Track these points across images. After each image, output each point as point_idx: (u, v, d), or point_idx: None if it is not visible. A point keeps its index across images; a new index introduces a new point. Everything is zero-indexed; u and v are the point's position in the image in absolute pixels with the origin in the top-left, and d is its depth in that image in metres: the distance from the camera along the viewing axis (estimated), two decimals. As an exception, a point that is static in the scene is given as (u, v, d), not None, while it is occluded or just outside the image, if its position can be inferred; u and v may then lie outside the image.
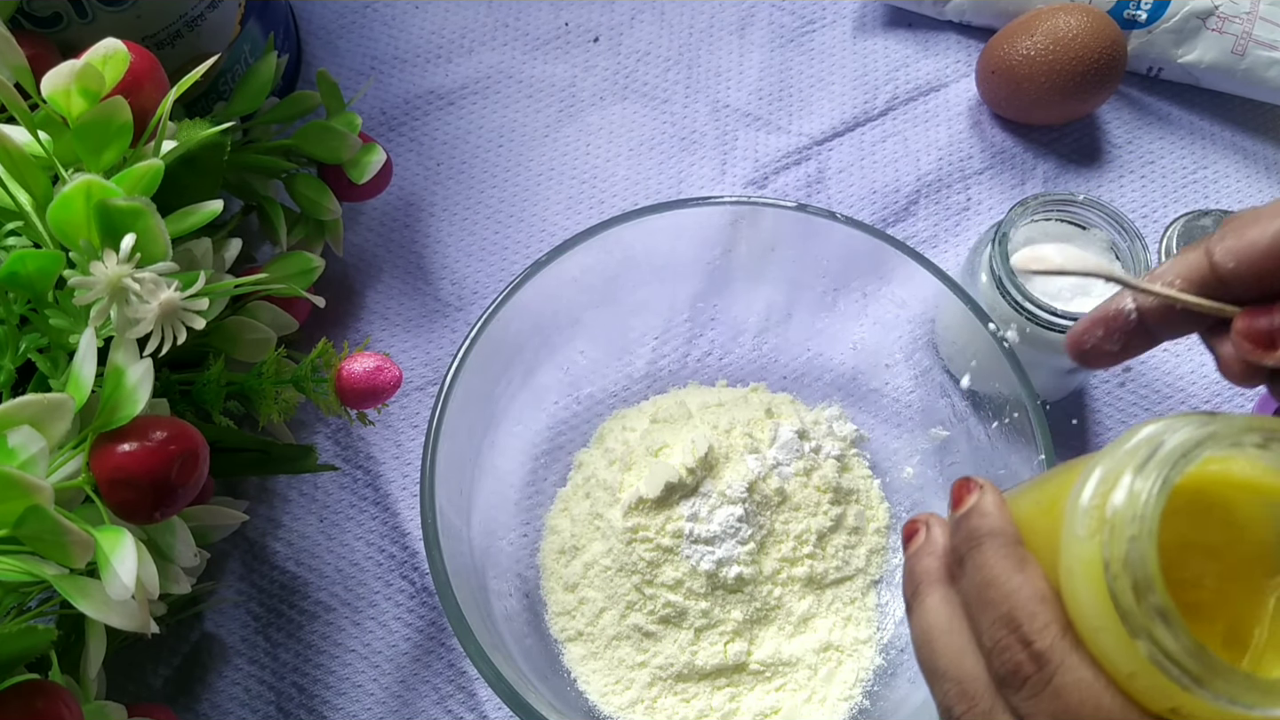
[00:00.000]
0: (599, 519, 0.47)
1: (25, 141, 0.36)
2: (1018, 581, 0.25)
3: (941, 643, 0.26)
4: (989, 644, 0.25)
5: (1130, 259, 0.48)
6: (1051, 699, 0.24)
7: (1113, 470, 0.25)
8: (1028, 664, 0.24)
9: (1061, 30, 0.56)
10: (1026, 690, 0.24)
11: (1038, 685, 0.24)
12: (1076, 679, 0.24)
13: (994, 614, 0.25)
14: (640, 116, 0.61)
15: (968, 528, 0.27)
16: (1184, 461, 0.24)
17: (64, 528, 0.31)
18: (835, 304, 0.50)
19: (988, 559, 0.26)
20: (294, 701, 0.48)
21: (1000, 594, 0.25)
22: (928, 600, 0.27)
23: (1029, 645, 0.24)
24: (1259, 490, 0.26)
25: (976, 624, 0.26)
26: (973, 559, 0.26)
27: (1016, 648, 0.24)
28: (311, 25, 0.63)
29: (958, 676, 0.26)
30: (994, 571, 0.26)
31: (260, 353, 0.46)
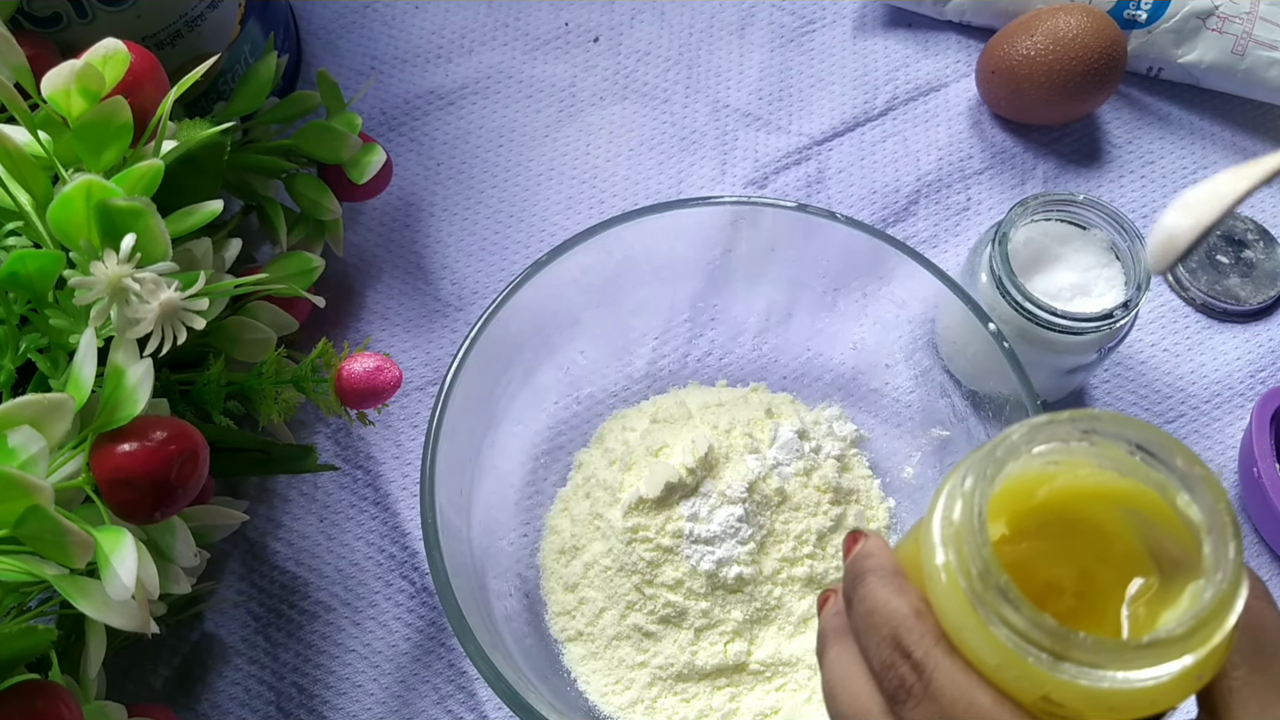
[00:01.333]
0: (599, 519, 0.47)
1: (25, 141, 0.36)
2: (896, 603, 0.27)
3: (841, 687, 0.28)
4: (878, 667, 0.27)
5: (1130, 259, 0.48)
6: (930, 704, 0.25)
7: (954, 482, 0.26)
8: (909, 674, 0.26)
9: (1061, 30, 0.56)
10: (911, 701, 0.26)
11: (919, 693, 0.25)
12: (951, 680, 0.25)
13: (878, 636, 0.27)
14: (640, 116, 0.61)
15: (853, 570, 0.29)
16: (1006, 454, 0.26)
17: (64, 528, 0.31)
18: (835, 304, 0.50)
19: (870, 590, 0.28)
20: (294, 701, 0.48)
21: (881, 617, 0.27)
22: (829, 653, 0.29)
23: (909, 657, 0.26)
24: (1110, 497, 0.27)
25: (867, 653, 0.27)
26: (858, 593, 0.28)
27: (899, 662, 0.26)
28: (311, 25, 0.63)
29: (853, 713, 0.27)
30: (876, 599, 0.27)
31: (260, 353, 0.46)
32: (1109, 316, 0.46)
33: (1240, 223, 0.57)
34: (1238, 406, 0.53)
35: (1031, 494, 0.27)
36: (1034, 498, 0.27)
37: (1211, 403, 0.54)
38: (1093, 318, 0.46)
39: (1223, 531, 0.25)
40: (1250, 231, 0.57)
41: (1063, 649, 0.24)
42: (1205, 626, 0.24)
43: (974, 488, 0.26)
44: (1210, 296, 0.55)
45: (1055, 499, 0.27)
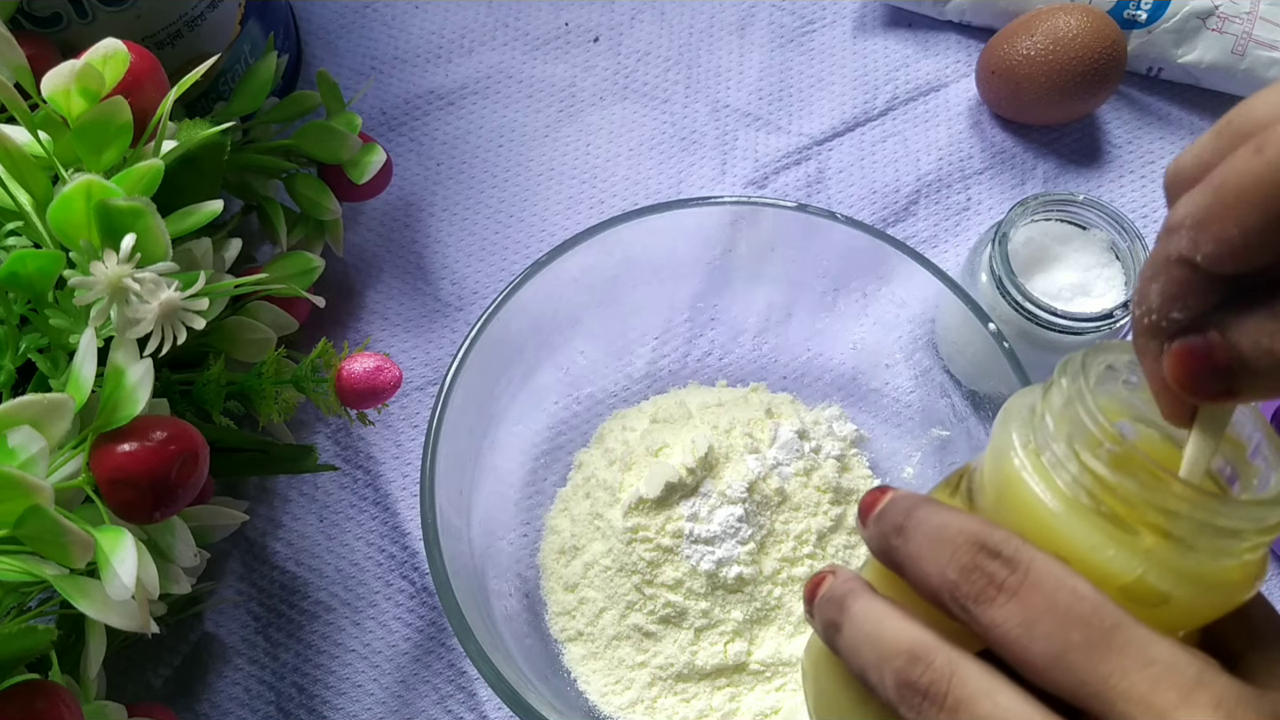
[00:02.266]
0: (599, 519, 0.47)
1: (25, 141, 0.36)
2: (965, 517, 0.26)
3: (886, 627, 0.26)
4: (956, 576, 0.25)
5: (1130, 259, 0.48)
6: (1031, 592, 0.24)
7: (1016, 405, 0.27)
8: (1000, 570, 0.25)
9: (1061, 30, 0.56)
10: (1004, 597, 0.24)
11: (1015, 586, 0.24)
12: (1049, 570, 0.24)
13: (951, 546, 0.25)
14: (640, 116, 0.61)
15: (895, 506, 0.28)
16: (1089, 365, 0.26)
17: (64, 528, 0.31)
18: (835, 304, 0.50)
19: (930, 513, 0.27)
20: (294, 701, 0.48)
21: (956, 528, 0.26)
22: (855, 606, 0.27)
23: (998, 555, 0.25)
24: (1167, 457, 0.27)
25: (932, 573, 0.26)
26: (913, 519, 0.27)
27: (986, 562, 0.25)
28: (311, 25, 0.63)
29: (905, 646, 0.25)
30: (941, 517, 0.26)
31: (260, 353, 0.46)
32: (1109, 316, 0.46)
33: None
34: (1238, 406, 0.53)
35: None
36: None
37: (1211, 403, 0.54)
38: (1093, 318, 0.46)
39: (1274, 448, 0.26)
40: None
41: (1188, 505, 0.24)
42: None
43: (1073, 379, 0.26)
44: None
45: None
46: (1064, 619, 0.24)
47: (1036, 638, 0.24)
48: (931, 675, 0.25)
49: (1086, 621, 0.23)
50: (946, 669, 0.25)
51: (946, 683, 0.24)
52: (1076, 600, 0.24)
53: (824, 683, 0.30)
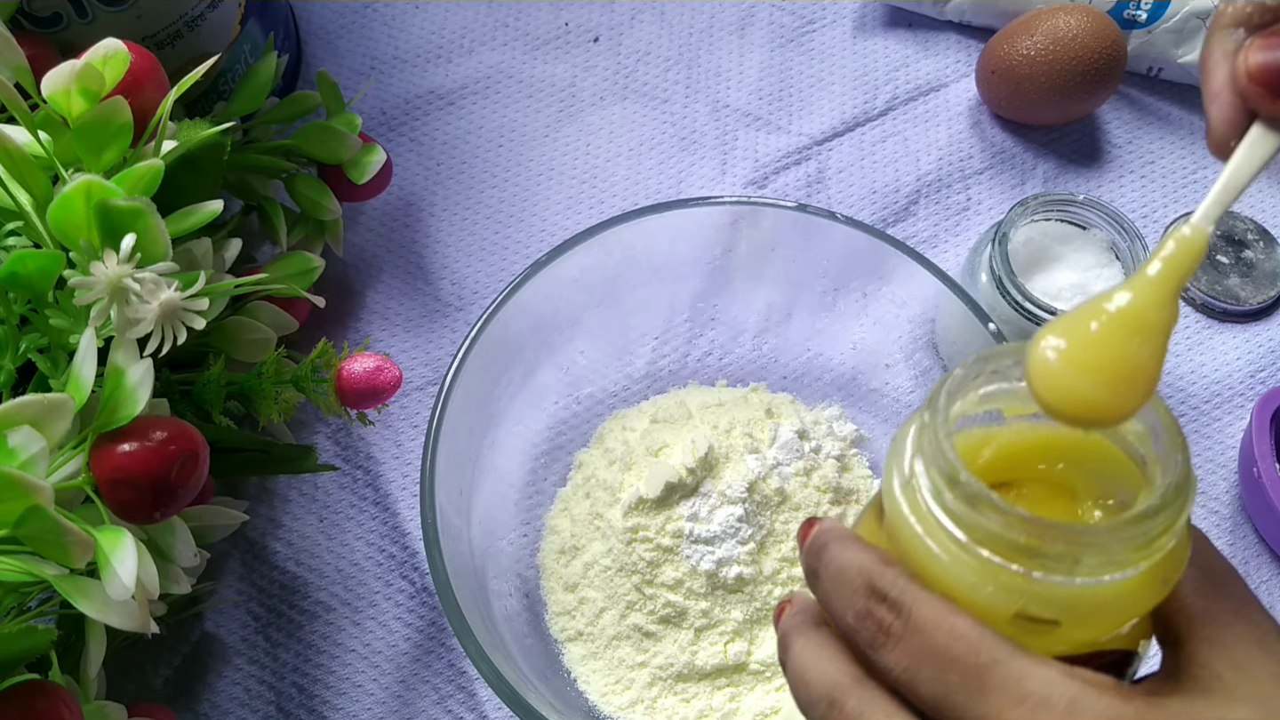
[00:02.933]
0: (599, 519, 0.47)
1: (25, 141, 0.36)
2: (863, 556, 0.27)
3: (810, 671, 0.27)
4: (853, 621, 0.26)
5: (1130, 259, 0.48)
6: (913, 637, 0.25)
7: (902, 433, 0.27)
8: (887, 615, 0.25)
9: (1061, 30, 0.56)
10: (891, 642, 0.25)
11: (899, 631, 0.25)
12: (930, 611, 0.25)
13: (850, 589, 0.26)
14: (640, 116, 0.61)
15: (813, 546, 0.28)
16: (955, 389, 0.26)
17: (64, 528, 0.31)
18: (835, 304, 0.50)
19: (834, 554, 0.27)
20: (294, 702, 0.48)
21: (852, 570, 0.27)
22: (794, 648, 0.28)
23: (885, 598, 0.25)
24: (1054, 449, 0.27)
25: (837, 615, 0.27)
26: (822, 561, 0.28)
27: (875, 607, 0.25)
28: (311, 25, 0.63)
29: (824, 692, 0.26)
30: (843, 559, 0.27)
31: (260, 353, 0.46)
32: (1109, 316, 0.46)
33: (1240, 223, 0.57)
34: (1238, 407, 0.53)
35: (977, 454, 0.28)
36: (979, 458, 0.28)
37: (1211, 403, 0.54)
38: (1093, 318, 0.46)
39: (1171, 435, 0.25)
40: (1250, 231, 0.57)
41: (1038, 541, 0.24)
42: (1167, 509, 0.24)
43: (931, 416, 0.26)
44: (1210, 296, 0.55)
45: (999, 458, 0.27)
46: (941, 662, 0.24)
47: (921, 681, 0.24)
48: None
49: (963, 662, 0.24)
50: (855, 712, 0.25)
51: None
52: (954, 641, 0.24)
53: None
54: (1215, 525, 0.51)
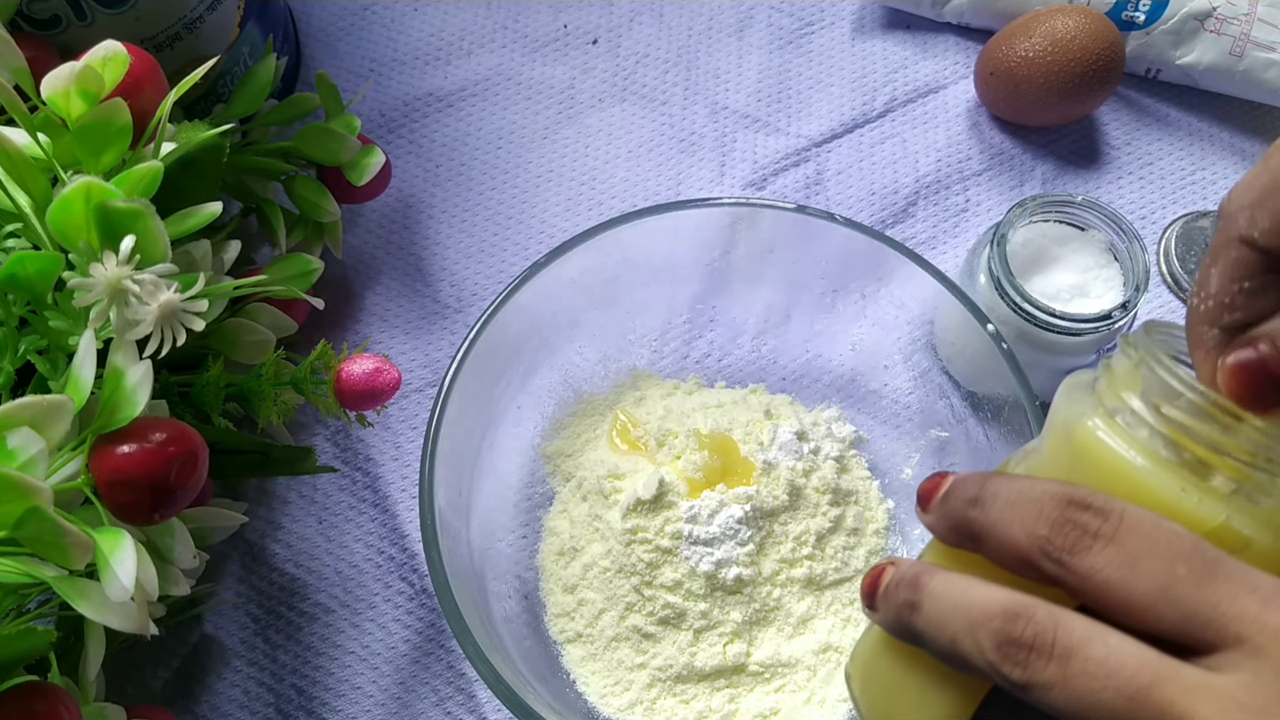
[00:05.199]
0: (598, 520, 0.47)
1: (25, 143, 0.36)
2: (1045, 481, 0.26)
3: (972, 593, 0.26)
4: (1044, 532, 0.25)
5: (1129, 260, 0.48)
6: (1128, 535, 0.24)
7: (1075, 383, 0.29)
8: (1093, 520, 0.25)
9: (1060, 32, 0.56)
10: (1100, 544, 0.25)
11: (1109, 533, 0.25)
12: (1143, 515, 0.25)
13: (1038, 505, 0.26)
14: (639, 118, 0.61)
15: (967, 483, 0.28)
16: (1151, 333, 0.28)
17: (63, 529, 0.31)
18: (834, 305, 0.51)
19: (1005, 482, 0.27)
20: (293, 703, 0.48)
21: (1039, 490, 0.26)
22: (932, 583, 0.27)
23: (1088, 507, 0.25)
24: None
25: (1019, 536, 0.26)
26: (989, 490, 0.27)
27: (1078, 514, 0.25)
28: (310, 27, 0.63)
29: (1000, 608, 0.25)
30: (1020, 484, 0.27)
31: (259, 355, 0.46)
32: (1108, 318, 0.46)
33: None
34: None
35: None
36: None
37: (1210, 404, 0.54)
38: (1091, 319, 0.46)
39: None
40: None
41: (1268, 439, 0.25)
42: None
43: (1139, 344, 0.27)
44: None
45: None
46: (1167, 555, 0.24)
47: (1141, 575, 0.24)
48: (1035, 628, 0.25)
49: (1189, 556, 0.24)
50: (1049, 620, 0.25)
51: (1052, 632, 0.24)
52: (1176, 538, 0.24)
53: (883, 676, 0.30)
54: (1214, 526, 0.51)
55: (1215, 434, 0.25)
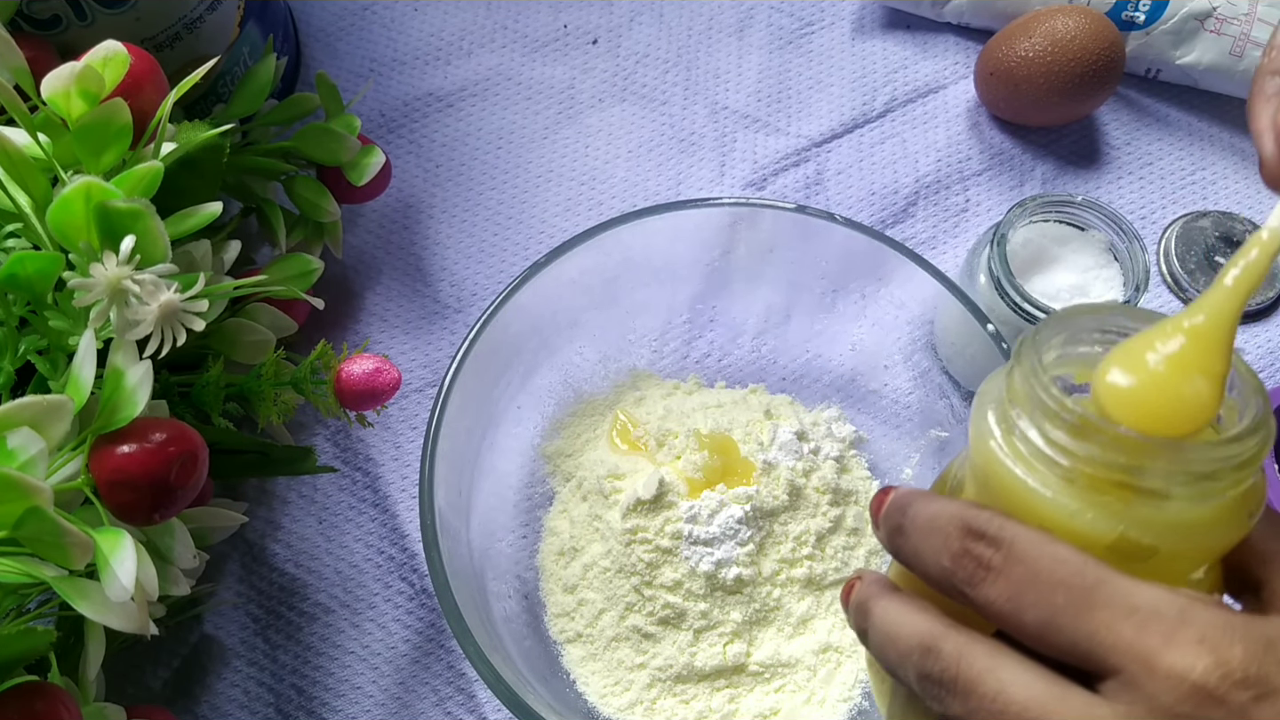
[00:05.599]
0: (598, 520, 0.47)
1: (25, 143, 0.36)
2: (954, 505, 0.27)
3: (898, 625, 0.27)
4: (949, 564, 0.26)
5: (1129, 260, 0.48)
6: (1014, 566, 0.25)
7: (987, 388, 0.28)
8: (986, 550, 0.25)
9: (1060, 32, 0.56)
10: (992, 576, 0.25)
11: (999, 564, 0.25)
12: (1031, 540, 0.25)
13: (943, 535, 0.26)
14: (639, 118, 0.61)
15: (896, 504, 0.28)
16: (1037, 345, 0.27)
17: (63, 529, 0.31)
18: (834, 305, 0.51)
19: (922, 507, 0.27)
20: (293, 704, 0.48)
21: (944, 517, 0.26)
22: (876, 609, 0.28)
23: (983, 536, 0.25)
24: None
25: (927, 564, 0.27)
26: (908, 515, 0.27)
27: (974, 545, 0.25)
28: (310, 27, 0.63)
29: (916, 642, 0.26)
30: (933, 508, 0.27)
31: (259, 355, 0.46)
32: (1107, 317, 0.46)
33: (1239, 224, 0.57)
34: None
35: None
36: None
37: (1210, 404, 0.54)
38: (1091, 319, 0.46)
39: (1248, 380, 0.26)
40: (1249, 233, 0.57)
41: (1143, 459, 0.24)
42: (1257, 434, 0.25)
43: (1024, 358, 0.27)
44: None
45: None
46: (1047, 585, 0.24)
47: (1025, 607, 0.24)
48: (942, 663, 0.25)
49: (1068, 584, 0.24)
50: (954, 654, 0.25)
51: (955, 667, 0.25)
52: (1057, 565, 0.24)
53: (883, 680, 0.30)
54: (1214, 526, 0.51)
55: (1096, 452, 0.25)
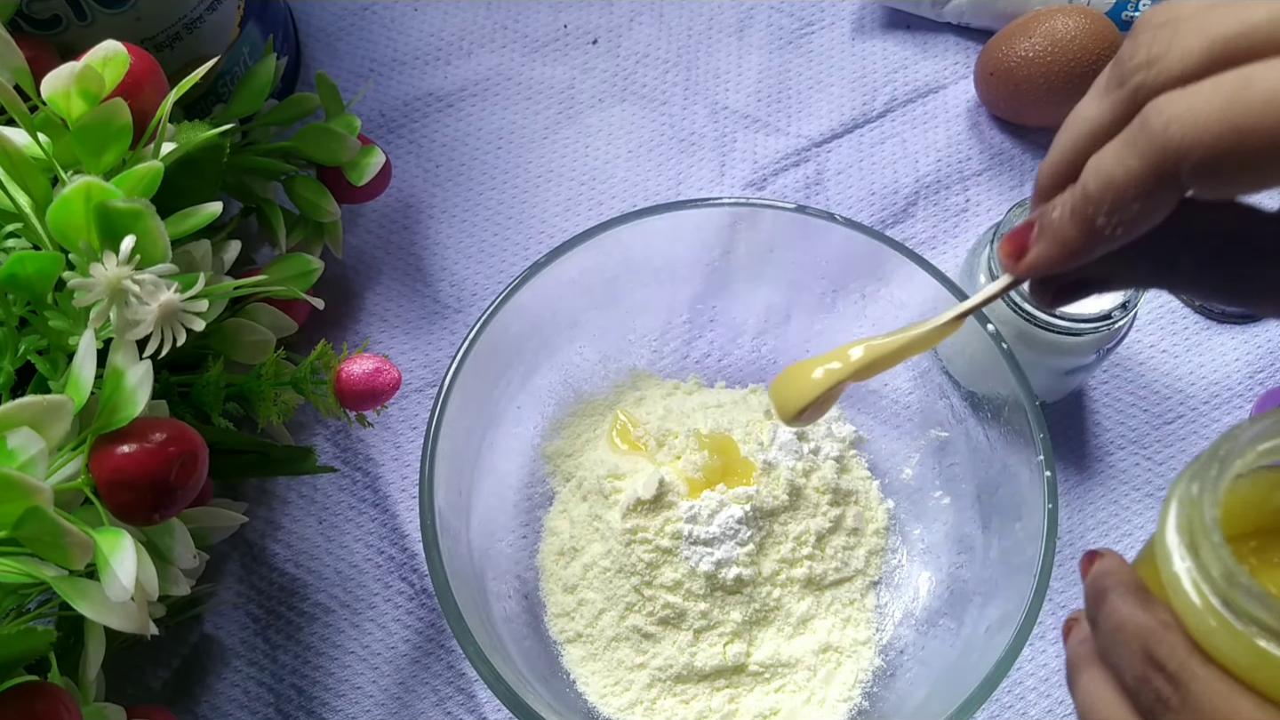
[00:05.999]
0: (598, 520, 0.47)
1: (25, 143, 0.36)
2: (1142, 617, 0.26)
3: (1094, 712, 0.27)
4: (1132, 684, 0.26)
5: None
6: (1189, 715, 0.25)
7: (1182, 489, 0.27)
8: (1165, 688, 0.25)
9: (1060, 32, 0.56)
10: (1170, 715, 0.25)
11: (1176, 706, 0.25)
12: (1208, 689, 0.25)
13: (1127, 652, 0.26)
14: (639, 118, 0.61)
15: (1094, 589, 0.28)
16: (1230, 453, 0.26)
17: (63, 529, 0.31)
18: (834, 305, 0.51)
19: (1114, 607, 0.27)
20: (293, 704, 0.48)
21: (1129, 632, 0.26)
22: (1080, 680, 0.28)
23: (1163, 669, 0.25)
24: None
25: (1118, 671, 0.27)
26: (1101, 612, 0.28)
27: (1153, 676, 0.25)
28: (310, 27, 0.63)
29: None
30: (1121, 615, 0.27)
31: (259, 354, 0.46)
32: (1107, 318, 0.46)
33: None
34: (1236, 408, 0.54)
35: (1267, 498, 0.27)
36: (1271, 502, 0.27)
37: (1210, 404, 0.54)
38: (1091, 319, 0.46)
39: None
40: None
41: None
42: None
43: (1201, 491, 0.26)
44: (1208, 297, 0.55)
45: None
46: None
47: None
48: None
49: None
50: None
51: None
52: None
53: None
54: (1214, 526, 0.51)
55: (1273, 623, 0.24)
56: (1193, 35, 0.24)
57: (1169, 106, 0.23)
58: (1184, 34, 0.24)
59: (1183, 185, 0.24)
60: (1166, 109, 0.23)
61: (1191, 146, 0.23)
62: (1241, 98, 0.22)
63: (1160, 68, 0.24)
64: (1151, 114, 0.24)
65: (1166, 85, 0.24)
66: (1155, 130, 0.23)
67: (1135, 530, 0.51)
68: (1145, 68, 0.24)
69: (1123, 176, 0.24)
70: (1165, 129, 0.23)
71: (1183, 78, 0.23)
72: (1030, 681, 0.48)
